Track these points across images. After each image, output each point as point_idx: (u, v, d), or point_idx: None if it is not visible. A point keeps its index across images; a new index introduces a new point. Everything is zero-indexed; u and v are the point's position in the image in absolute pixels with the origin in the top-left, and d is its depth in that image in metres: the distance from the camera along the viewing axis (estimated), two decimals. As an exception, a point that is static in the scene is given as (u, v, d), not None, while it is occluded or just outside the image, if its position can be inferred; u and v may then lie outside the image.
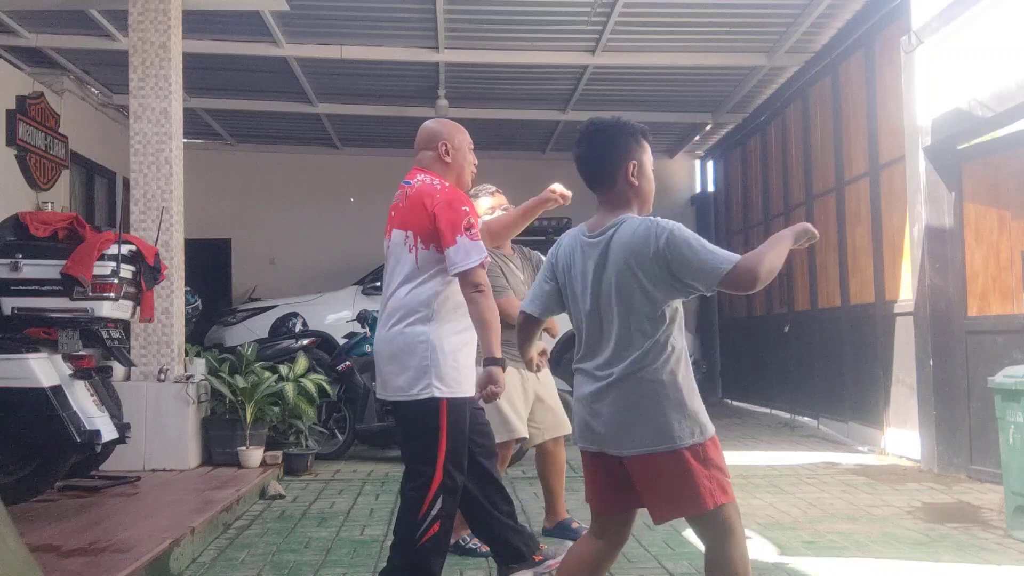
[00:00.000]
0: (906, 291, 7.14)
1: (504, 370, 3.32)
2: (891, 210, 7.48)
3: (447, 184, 3.50)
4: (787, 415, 10.07)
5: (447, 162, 3.58)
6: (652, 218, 2.62)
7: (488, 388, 3.26)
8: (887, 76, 7.47)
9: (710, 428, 2.61)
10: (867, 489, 6.01)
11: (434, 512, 3.32)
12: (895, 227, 7.41)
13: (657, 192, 2.82)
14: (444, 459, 3.34)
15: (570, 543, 4.21)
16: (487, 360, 3.29)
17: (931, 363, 6.60)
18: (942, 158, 6.62)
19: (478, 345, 3.45)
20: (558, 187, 4.21)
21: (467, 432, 3.47)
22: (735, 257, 2.50)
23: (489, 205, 4.64)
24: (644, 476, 2.59)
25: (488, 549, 4.33)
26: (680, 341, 2.63)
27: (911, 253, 6.94)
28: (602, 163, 2.71)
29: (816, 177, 9.31)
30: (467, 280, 3.34)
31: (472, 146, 3.71)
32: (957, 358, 6.46)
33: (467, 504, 3.69)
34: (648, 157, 2.75)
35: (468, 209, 3.41)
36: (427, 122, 3.76)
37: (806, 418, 9.56)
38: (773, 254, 2.54)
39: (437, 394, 3.32)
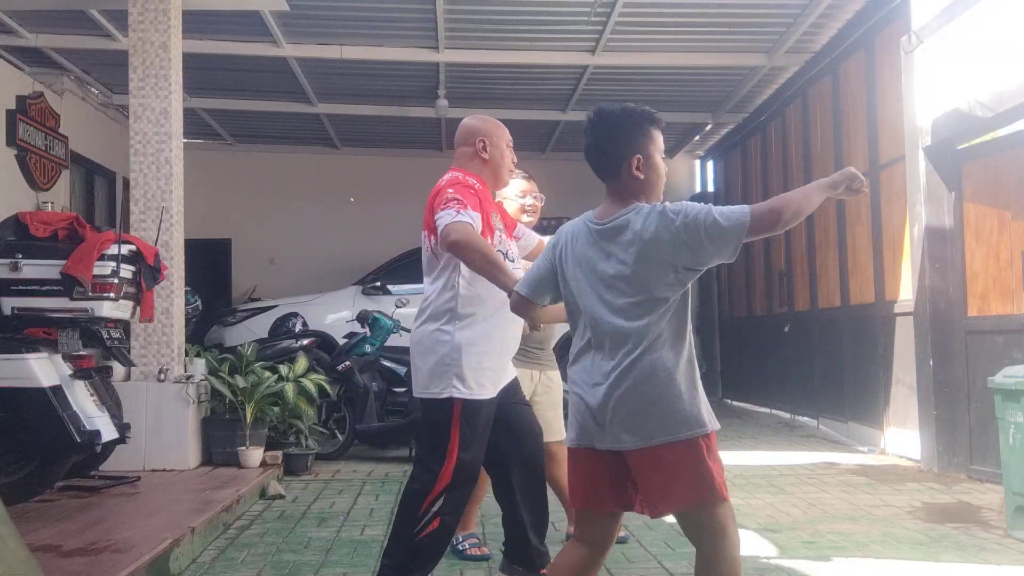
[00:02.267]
0: (906, 291, 7.14)
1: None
2: (891, 210, 7.48)
3: (458, 176, 3.40)
4: (787, 415, 10.07)
5: (484, 158, 3.49)
6: (660, 204, 2.55)
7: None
8: (887, 76, 7.47)
9: (716, 421, 2.57)
10: (867, 489, 6.01)
11: (435, 508, 3.27)
12: (895, 227, 7.41)
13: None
14: (456, 463, 3.27)
15: None
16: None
17: (931, 363, 6.60)
18: (942, 158, 6.62)
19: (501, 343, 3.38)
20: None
21: (484, 437, 3.36)
22: (747, 207, 2.49)
23: (521, 188, 4.34)
24: (655, 467, 2.50)
25: (479, 553, 4.32)
26: (689, 329, 2.57)
27: (911, 253, 6.94)
28: (605, 156, 2.63)
29: (816, 177, 9.22)
30: (443, 242, 3.21)
31: (511, 143, 3.60)
32: (957, 358, 6.46)
33: (500, 488, 3.57)
34: (657, 146, 2.63)
35: (453, 190, 3.29)
36: (466, 119, 3.63)
37: (806, 418, 9.56)
38: (800, 196, 2.55)
39: (456, 394, 3.26)
